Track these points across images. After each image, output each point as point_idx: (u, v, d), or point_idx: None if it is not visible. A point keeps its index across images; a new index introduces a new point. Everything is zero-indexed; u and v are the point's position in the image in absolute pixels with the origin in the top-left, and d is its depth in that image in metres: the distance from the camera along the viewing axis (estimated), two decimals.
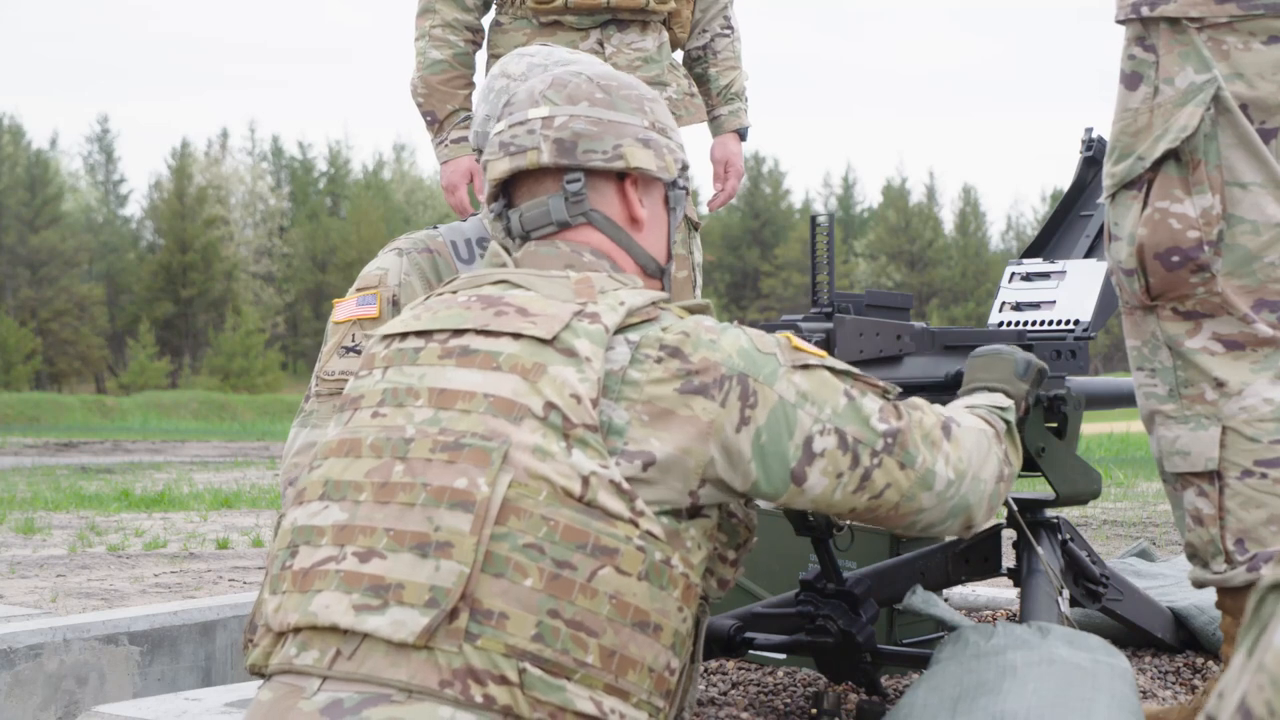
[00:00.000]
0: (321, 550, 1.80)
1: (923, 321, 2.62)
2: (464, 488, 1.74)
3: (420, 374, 1.85)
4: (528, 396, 1.77)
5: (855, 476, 1.88)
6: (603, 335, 1.80)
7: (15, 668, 3.26)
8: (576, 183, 1.98)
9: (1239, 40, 2.32)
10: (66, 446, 18.86)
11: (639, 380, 1.79)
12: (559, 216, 1.99)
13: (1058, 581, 2.62)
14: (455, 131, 3.77)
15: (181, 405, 36.19)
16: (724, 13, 3.99)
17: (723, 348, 1.83)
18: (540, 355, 1.79)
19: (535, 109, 2.02)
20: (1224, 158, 2.32)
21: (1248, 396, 2.33)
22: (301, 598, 1.78)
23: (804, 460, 1.85)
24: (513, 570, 1.71)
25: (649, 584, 1.77)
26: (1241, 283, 2.33)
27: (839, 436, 1.87)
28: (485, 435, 1.76)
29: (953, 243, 55.91)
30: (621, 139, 2.00)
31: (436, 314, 1.90)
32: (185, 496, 9.21)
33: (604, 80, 2.04)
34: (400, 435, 1.81)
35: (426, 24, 3.78)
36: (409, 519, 1.75)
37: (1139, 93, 2.38)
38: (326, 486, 1.84)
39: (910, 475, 1.92)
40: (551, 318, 1.82)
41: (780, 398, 1.84)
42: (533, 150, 1.99)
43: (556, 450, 1.74)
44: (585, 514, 1.73)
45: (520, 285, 1.90)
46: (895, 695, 2.71)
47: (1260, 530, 2.34)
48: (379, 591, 1.72)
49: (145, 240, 52.36)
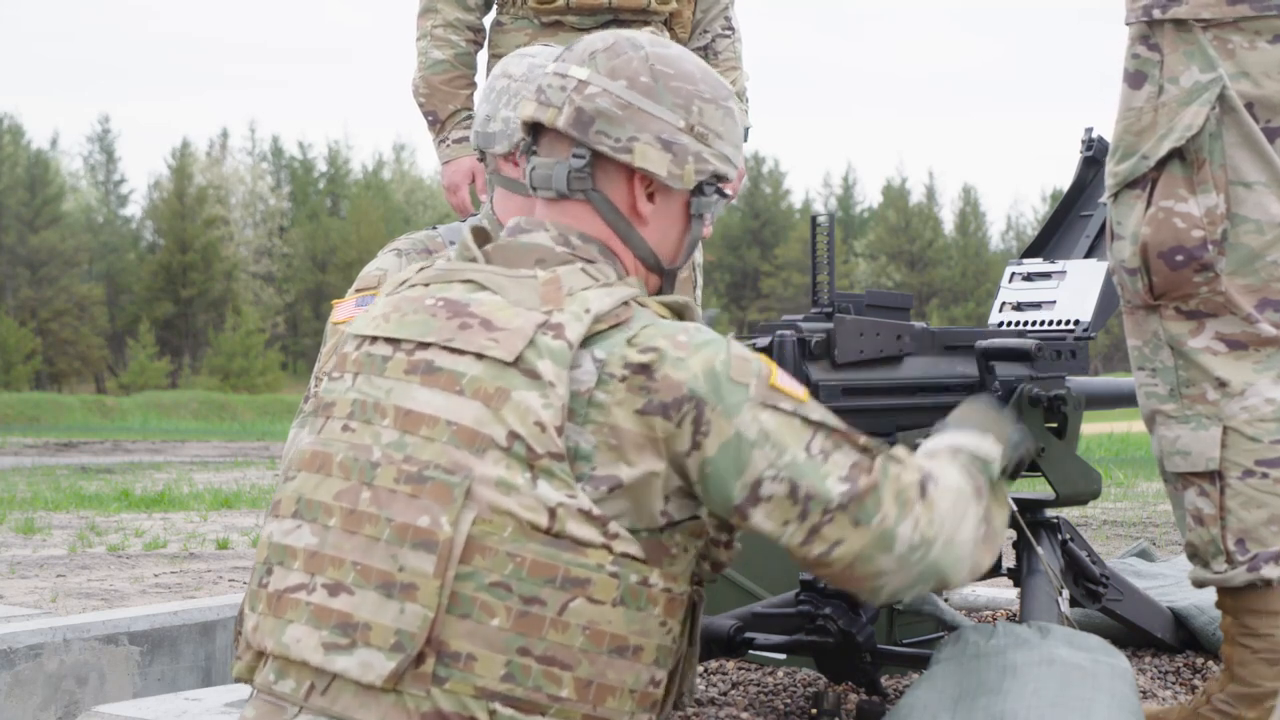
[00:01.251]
0: (293, 575, 1.79)
1: (923, 321, 2.62)
2: (426, 526, 1.71)
3: (387, 389, 1.81)
4: (490, 426, 1.73)
5: (803, 529, 1.78)
6: (566, 354, 1.74)
7: (15, 668, 3.26)
8: (581, 159, 1.91)
9: (1244, 39, 2.32)
10: (66, 446, 18.86)
11: (605, 403, 1.74)
12: (559, 185, 1.92)
13: (1058, 581, 2.62)
14: (457, 131, 3.77)
15: (181, 405, 36.18)
16: (725, 13, 3.99)
17: (690, 367, 1.75)
18: (503, 379, 1.74)
19: (579, 67, 1.93)
20: (1228, 157, 2.32)
21: (1249, 396, 2.33)
22: (275, 623, 1.78)
23: (748, 500, 1.76)
24: (479, 610, 1.69)
25: (625, 609, 1.74)
26: (1245, 282, 2.33)
27: (790, 486, 1.76)
28: (448, 468, 1.72)
29: (953, 243, 55.90)
30: (641, 133, 1.90)
31: (405, 318, 1.86)
32: (185, 496, 9.21)
33: (660, 65, 1.93)
34: (367, 458, 1.78)
35: (428, 24, 3.78)
36: (374, 554, 1.73)
37: (1143, 92, 2.38)
38: (299, 504, 1.82)
39: (865, 534, 1.79)
40: (515, 333, 1.76)
41: (738, 433, 1.75)
42: (553, 109, 1.92)
43: (521, 482, 1.71)
44: (553, 546, 1.70)
45: (487, 287, 1.84)
46: (895, 695, 2.71)
47: (1261, 530, 2.34)
48: (347, 630, 1.72)
49: (145, 240, 52.35)
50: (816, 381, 2.37)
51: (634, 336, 1.77)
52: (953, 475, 1.90)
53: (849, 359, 2.43)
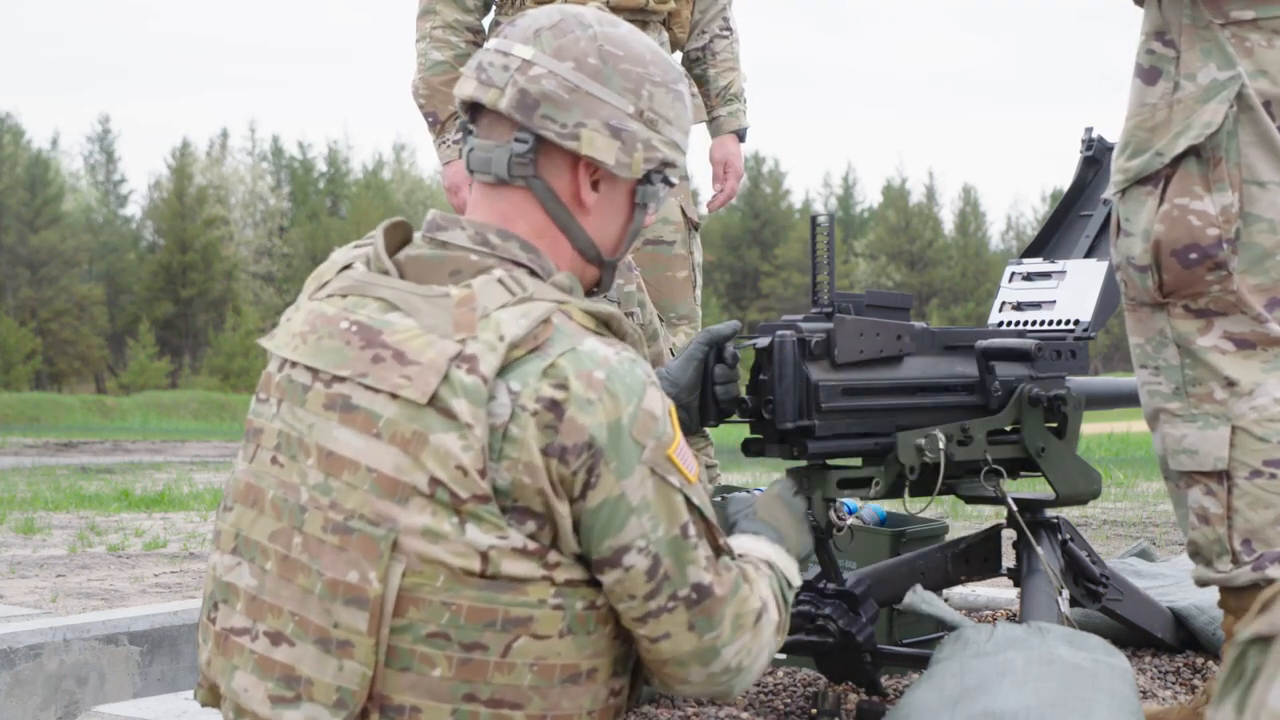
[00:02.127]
0: (236, 617, 1.77)
1: (923, 321, 2.62)
2: (356, 582, 1.67)
3: (309, 423, 1.74)
4: (411, 473, 1.66)
5: (644, 608, 1.73)
6: (481, 390, 1.66)
7: (15, 668, 3.26)
8: (524, 144, 1.81)
9: (1263, 37, 2.32)
10: (66, 446, 18.85)
11: (518, 437, 1.66)
12: (498, 171, 1.82)
13: (1058, 581, 2.62)
14: (457, 132, 3.77)
15: (181, 405, 36.19)
16: (723, 14, 3.99)
17: (596, 413, 1.68)
18: (419, 420, 1.67)
19: (523, 45, 1.83)
20: (1243, 155, 2.32)
21: (1258, 396, 2.33)
22: (224, 664, 1.78)
23: (609, 561, 1.71)
24: (419, 662, 1.66)
25: (574, 637, 1.70)
26: (1256, 281, 2.33)
27: (653, 562, 1.71)
28: (371, 519, 1.67)
29: (953, 243, 55.91)
30: (589, 118, 1.80)
31: (321, 342, 1.77)
32: (185, 496, 9.21)
33: (609, 46, 1.83)
34: (296, 499, 1.73)
35: (427, 25, 3.79)
36: (310, 607, 1.70)
37: (1157, 88, 2.38)
38: (238, 540, 1.80)
39: (694, 642, 1.76)
40: (427, 369, 1.67)
41: (623, 494, 1.69)
42: (495, 89, 1.81)
43: (449, 529, 1.65)
44: (490, 589, 1.65)
45: (399, 308, 1.75)
46: (895, 695, 2.71)
47: (1268, 531, 2.34)
48: (291, 683, 1.71)
49: (145, 240, 52.36)
50: (816, 381, 2.37)
51: (550, 366, 1.68)
52: (772, 604, 1.88)
53: (849, 359, 2.43)
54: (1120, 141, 2.43)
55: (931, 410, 2.55)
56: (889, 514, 3.28)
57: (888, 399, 2.50)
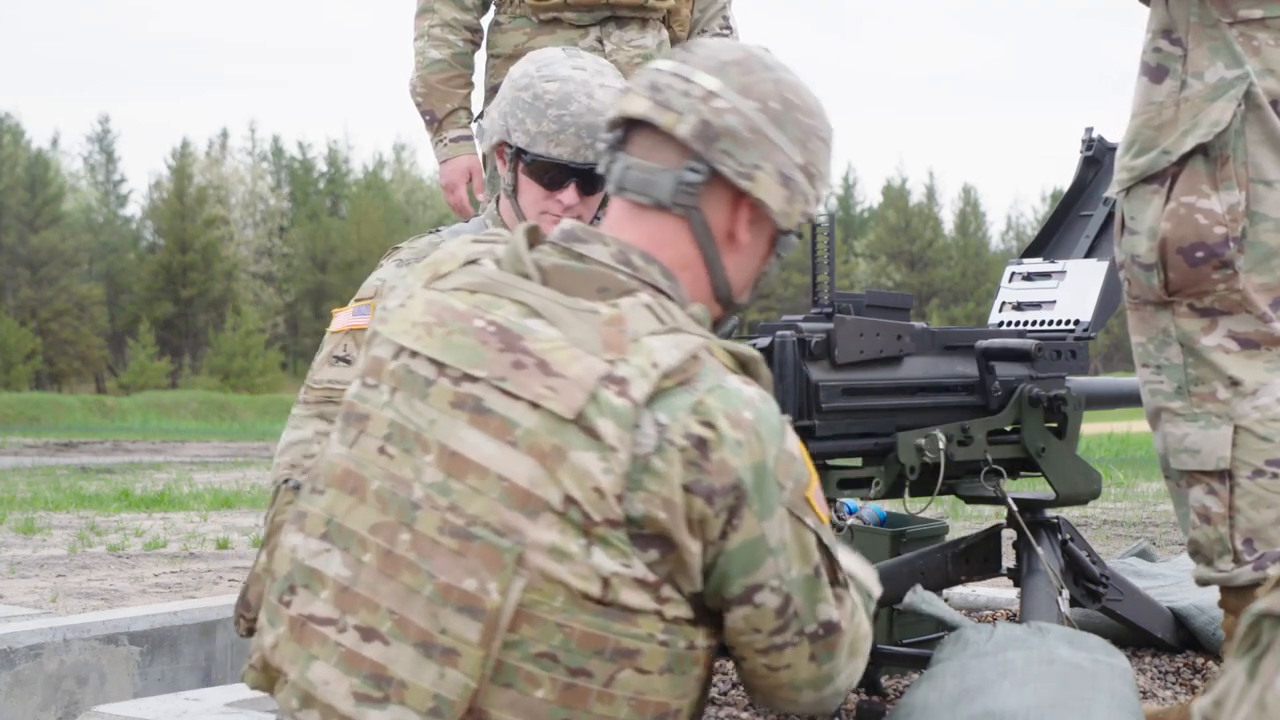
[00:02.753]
0: (320, 605, 1.71)
1: (923, 321, 2.62)
2: (473, 591, 1.62)
3: (430, 420, 1.69)
4: (545, 487, 1.62)
5: (769, 641, 1.73)
6: (630, 415, 1.62)
7: (15, 668, 3.26)
8: (696, 175, 1.77)
9: (1270, 36, 2.32)
10: (66, 446, 18.86)
11: (660, 471, 1.62)
12: (660, 195, 1.78)
13: (1058, 581, 2.62)
14: (454, 130, 3.77)
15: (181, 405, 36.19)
16: (723, 12, 3.99)
17: (744, 455, 1.65)
18: (560, 435, 1.63)
19: (707, 76, 1.79)
20: (1250, 154, 2.32)
21: (1262, 396, 2.33)
22: (298, 651, 1.71)
23: (740, 600, 1.69)
24: (523, 681, 1.62)
25: (670, 675, 1.68)
26: (1262, 280, 2.33)
27: (784, 600, 1.71)
28: (498, 529, 1.63)
29: (953, 243, 55.91)
30: (765, 161, 1.78)
31: (450, 337, 1.72)
32: (185, 496, 9.21)
33: (789, 94, 1.82)
34: (407, 494, 1.68)
35: (425, 24, 3.79)
36: (414, 608, 1.64)
37: (1164, 86, 2.37)
38: (329, 526, 1.73)
39: (813, 672, 1.77)
40: (574, 384, 1.64)
41: (763, 535, 1.67)
42: (673, 113, 1.77)
43: (575, 550, 1.61)
44: (604, 616, 1.62)
45: (543, 315, 1.70)
46: (895, 695, 2.71)
47: (1269, 530, 2.34)
48: (380, 683, 1.65)
49: (145, 240, 52.35)
50: (817, 382, 2.37)
51: (699, 403, 1.65)
52: (867, 626, 1.89)
53: (849, 359, 2.43)
54: (1125, 139, 2.42)
55: (931, 410, 2.55)
56: (889, 514, 3.28)
57: (888, 399, 2.50)
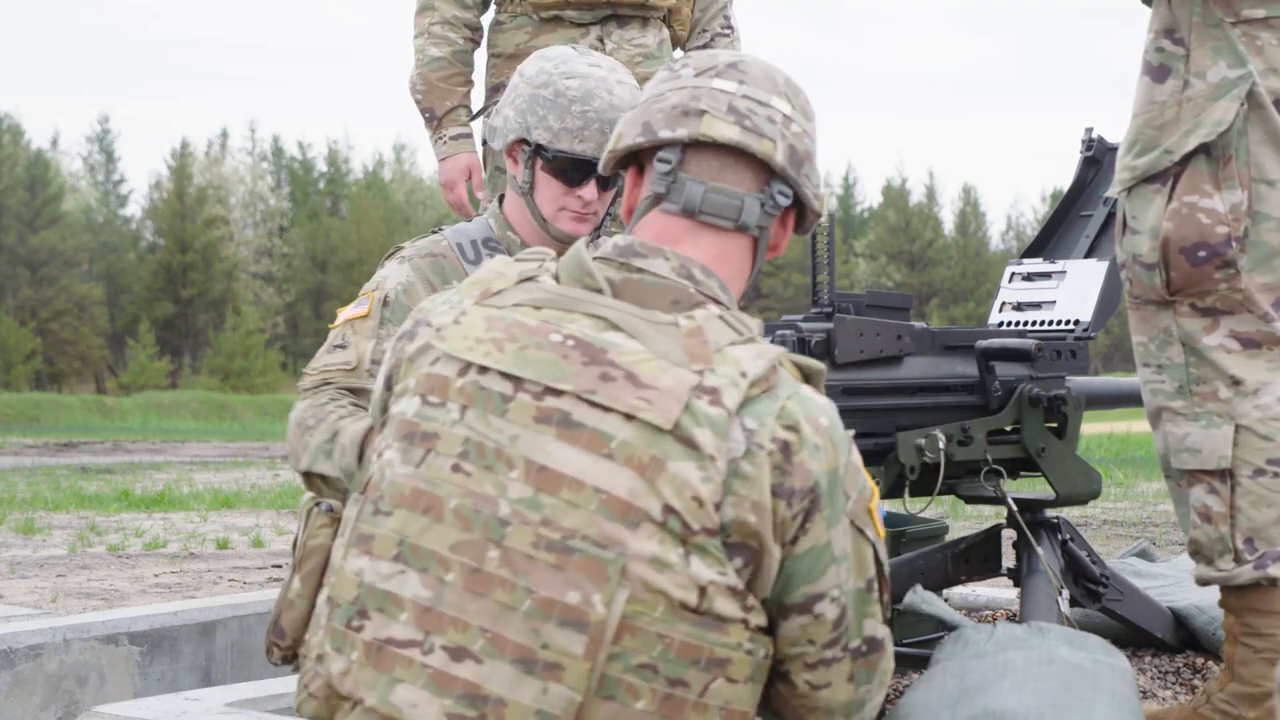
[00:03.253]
0: (400, 627, 1.66)
1: (923, 321, 2.62)
2: (577, 604, 1.61)
3: (512, 435, 1.67)
4: (645, 498, 1.62)
5: (818, 654, 1.73)
6: (725, 423, 1.64)
7: (15, 668, 3.26)
8: (786, 198, 1.83)
9: (1274, 36, 2.32)
10: (66, 446, 18.85)
11: (750, 475, 1.64)
12: (748, 219, 1.82)
13: (1058, 581, 2.62)
14: (454, 128, 3.77)
15: (181, 405, 36.19)
16: (724, 12, 3.99)
17: (822, 459, 1.68)
18: (658, 446, 1.63)
19: (779, 100, 1.84)
20: (1252, 154, 2.32)
21: (1263, 395, 2.33)
22: (377, 676, 1.67)
23: (799, 608, 1.71)
24: (624, 693, 1.61)
25: (752, 684, 1.69)
26: (1264, 280, 2.33)
27: (841, 612, 1.72)
28: (599, 541, 1.62)
29: (953, 243, 55.91)
30: (821, 179, 1.89)
31: (525, 351, 1.71)
32: (185, 496, 9.21)
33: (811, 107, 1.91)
34: (493, 511, 1.66)
35: (425, 21, 3.79)
36: (510, 625, 1.62)
37: (1167, 85, 2.37)
38: (402, 548, 1.68)
39: (849, 693, 1.77)
40: (668, 395, 1.65)
41: (830, 542, 1.69)
42: (769, 141, 1.81)
43: (675, 559, 1.62)
44: (700, 626, 1.63)
45: (622, 329, 1.71)
46: (895, 695, 2.71)
47: (1270, 530, 2.34)
48: (475, 703, 1.62)
49: (145, 240, 52.35)
50: None
51: (782, 409, 1.68)
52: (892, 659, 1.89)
53: (849, 359, 2.43)
54: (1127, 139, 2.42)
55: (931, 410, 2.55)
56: (889, 514, 3.28)
57: (888, 399, 2.50)
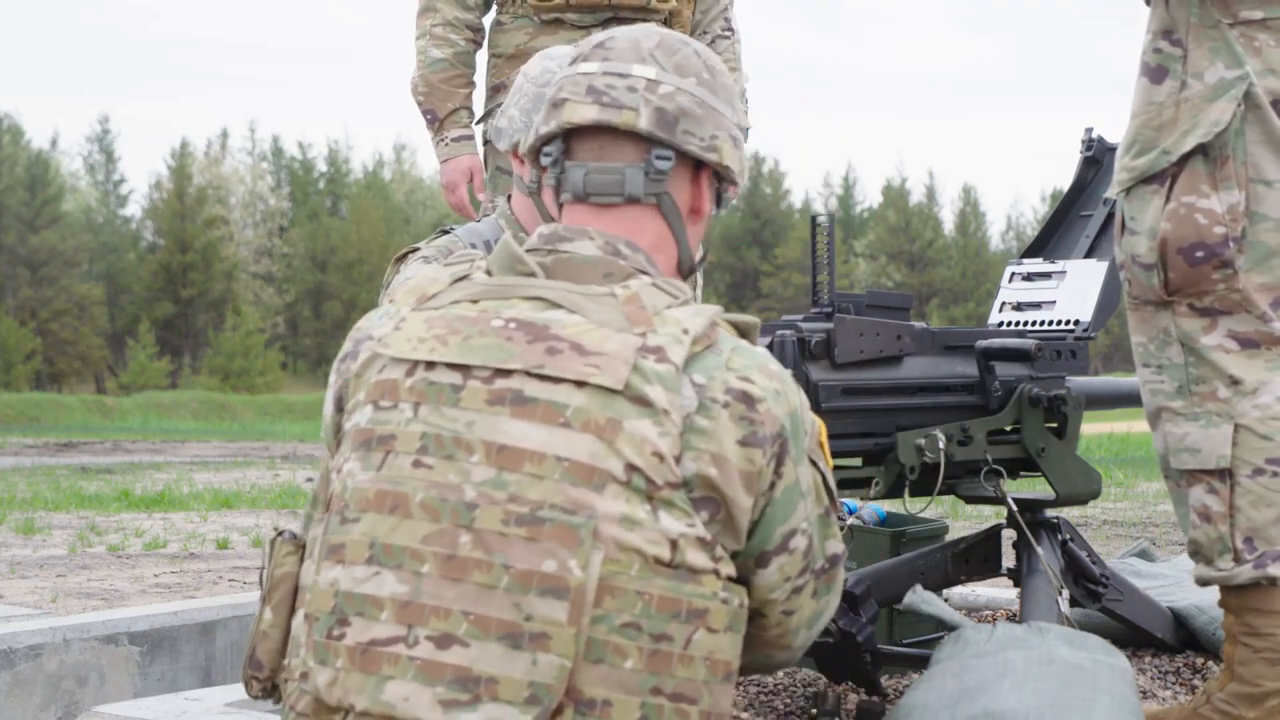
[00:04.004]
0: (382, 626, 1.66)
1: (923, 321, 2.62)
2: (554, 572, 1.62)
3: (468, 421, 1.69)
4: (607, 460, 1.64)
5: (791, 587, 1.78)
6: (674, 377, 1.67)
7: (15, 668, 3.26)
8: (667, 161, 1.82)
9: (1271, 37, 2.33)
10: (66, 446, 18.85)
11: (706, 429, 1.67)
12: (633, 190, 1.82)
13: (1058, 581, 2.62)
14: (455, 130, 3.78)
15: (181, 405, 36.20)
16: (724, 14, 3.99)
17: (783, 402, 1.72)
18: (612, 408, 1.65)
19: (641, 65, 1.82)
20: (1250, 154, 2.32)
21: (1262, 395, 2.33)
22: (365, 679, 1.66)
23: (778, 549, 1.75)
24: (612, 654, 1.62)
25: (731, 634, 1.70)
26: (1262, 280, 2.34)
27: (809, 541, 1.78)
28: (567, 508, 1.63)
29: (953, 243, 55.94)
30: (719, 130, 1.85)
31: (469, 341, 1.73)
32: (185, 496, 9.21)
33: (709, 61, 1.88)
34: (459, 498, 1.67)
35: (427, 22, 3.79)
36: (491, 603, 1.63)
37: (1164, 86, 2.38)
38: (374, 550, 1.69)
39: (813, 608, 1.84)
40: (614, 358, 1.67)
41: (798, 480, 1.75)
42: (630, 110, 1.80)
43: (643, 516, 1.64)
44: (676, 579, 1.65)
45: (561, 305, 1.73)
46: (895, 695, 2.71)
47: (1270, 529, 2.34)
48: (466, 685, 1.62)
49: (145, 240, 52.37)
50: (816, 381, 2.37)
51: (728, 360, 1.71)
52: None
53: (849, 359, 2.43)
54: (1125, 140, 2.43)
55: (931, 410, 2.55)
56: (889, 514, 3.28)
57: (888, 399, 2.50)
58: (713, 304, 1.79)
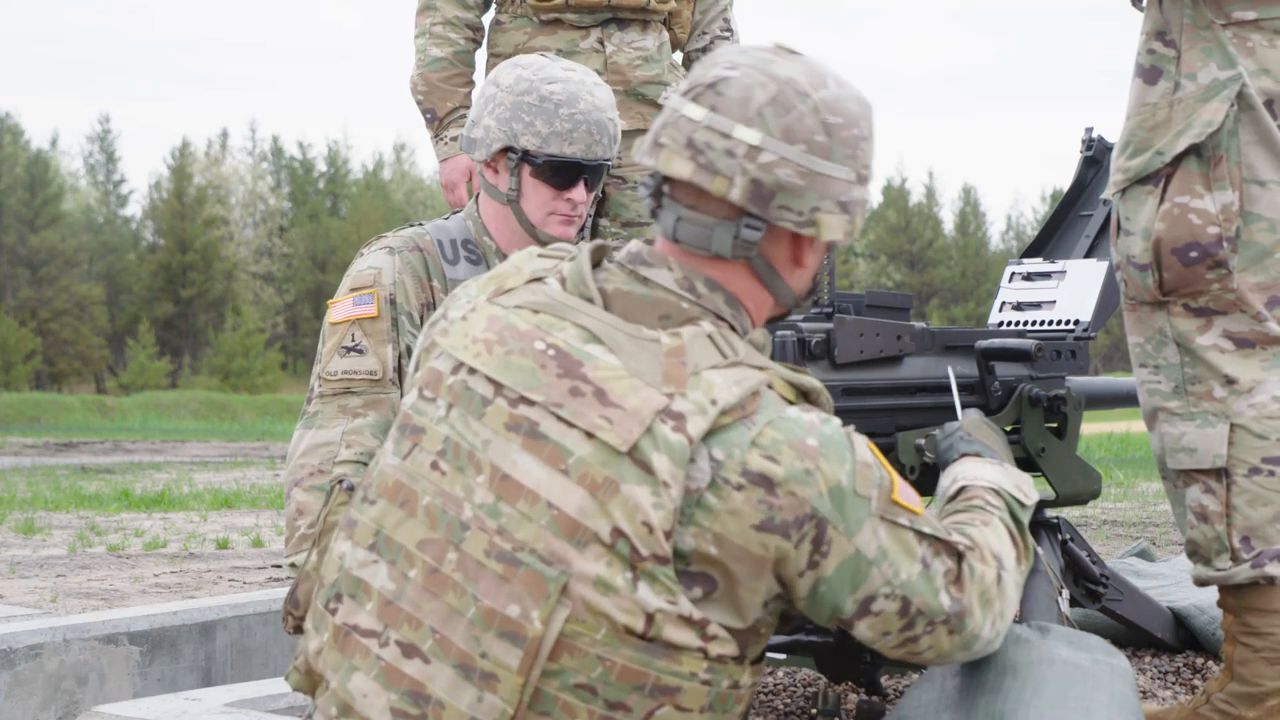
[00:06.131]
0: (364, 616, 1.72)
1: (923, 321, 2.62)
2: (515, 618, 1.62)
3: (485, 440, 1.70)
4: (594, 519, 1.62)
5: (902, 637, 1.76)
6: (684, 451, 1.62)
7: (15, 668, 3.26)
8: (755, 232, 1.74)
9: (1264, 37, 2.33)
10: (66, 446, 18.85)
11: (715, 508, 1.63)
12: (720, 249, 1.75)
13: (1058, 581, 2.62)
14: (454, 129, 3.77)
15: (181, 405, 36.18)
16: (724, 15, 3.99)
17: (816, 482, 1.65)
18: (614, 467, 1.63)
19: (745, 128, 1.72)
20: (1244, 154, 2.33)
21: (1258, 394, 2.34)
22: (340, 660, 1.72)
23: (858, 614, 1.73)
24: (560, 711, 1.62)
25: (712, 714, 1.67)
26: (1256, 280, 2.34)
27: (902, 603, 1.73)
28: (544, 556, 1.63)
29: (953, 243, 55.92)
30: (823, 200, 1.75)
31: (510, 357, 1.73)
32: (185, 496, 9.20)
33: (830, 116, 1.75)
34: (457, 513, 1.69)
35: (427, 21, 3.79)
36: (456, 629, 1.65)
37: (1158, 87, 2.38)
38: (378, 537, 1.74)
39: (955, 640, 1.80)
40: (631, 415, 1.64)
41: (858, 551, 1.68)
42: (723, 179, 1.72)
43: (621, 584, 1.61)
44: (647, 652, 1.62)
45: (604, 342, 1.70)
46: (895, 695, 2.71)
47: (1267, 528, 2.34)
48: (418, 700, 1.65)
49: (145, 240, 52.34)
50: None
51: (758, 436, 1.65)
52: (1009, 549, 1.89)
53: (849, 359, 2.43)
54: (1120, 141, 2.43)
55: (931, 410, 2.55)
56: None
57: (888, 399, 2.50)
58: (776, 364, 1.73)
